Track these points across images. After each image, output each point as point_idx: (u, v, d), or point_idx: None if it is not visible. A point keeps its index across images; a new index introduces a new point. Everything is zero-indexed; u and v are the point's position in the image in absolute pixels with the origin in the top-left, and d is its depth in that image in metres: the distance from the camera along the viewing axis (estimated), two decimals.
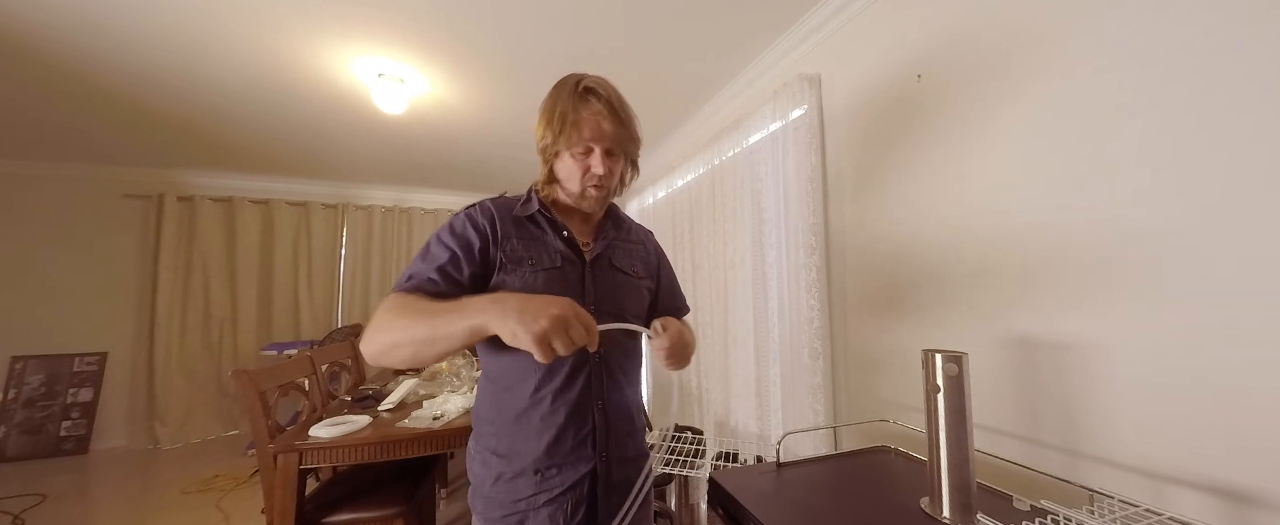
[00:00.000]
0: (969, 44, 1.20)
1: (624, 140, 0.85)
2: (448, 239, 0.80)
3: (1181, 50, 0.82)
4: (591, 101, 0.82)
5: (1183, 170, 0.81)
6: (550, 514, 0.79)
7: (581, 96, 0.82)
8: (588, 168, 0.83)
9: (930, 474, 0.83)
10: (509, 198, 0.89)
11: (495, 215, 0.84)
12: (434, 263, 0.78)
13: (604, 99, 0.82)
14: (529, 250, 0.83)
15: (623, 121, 0.84)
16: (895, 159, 1.40)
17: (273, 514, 1.49)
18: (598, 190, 0.85)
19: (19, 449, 3.21)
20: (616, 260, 0.92)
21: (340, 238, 4.27)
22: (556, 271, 0.83)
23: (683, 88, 2.35)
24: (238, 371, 1.67)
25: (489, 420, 0.85)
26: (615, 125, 0.82)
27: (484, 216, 0.83)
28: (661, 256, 1.07)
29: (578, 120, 0.81)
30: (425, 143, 3.20)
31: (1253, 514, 0.73)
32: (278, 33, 1.85)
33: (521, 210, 0.86)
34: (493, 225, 0.82)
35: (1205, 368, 0.79)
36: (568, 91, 0.82)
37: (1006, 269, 1.10)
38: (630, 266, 0.94)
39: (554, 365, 0.80)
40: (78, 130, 2.87)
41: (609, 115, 0.82)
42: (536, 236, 0.85)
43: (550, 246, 0.85)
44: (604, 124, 0.81)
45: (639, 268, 0.96)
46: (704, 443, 1.72)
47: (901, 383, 1.37)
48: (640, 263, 0.98)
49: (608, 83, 0.85)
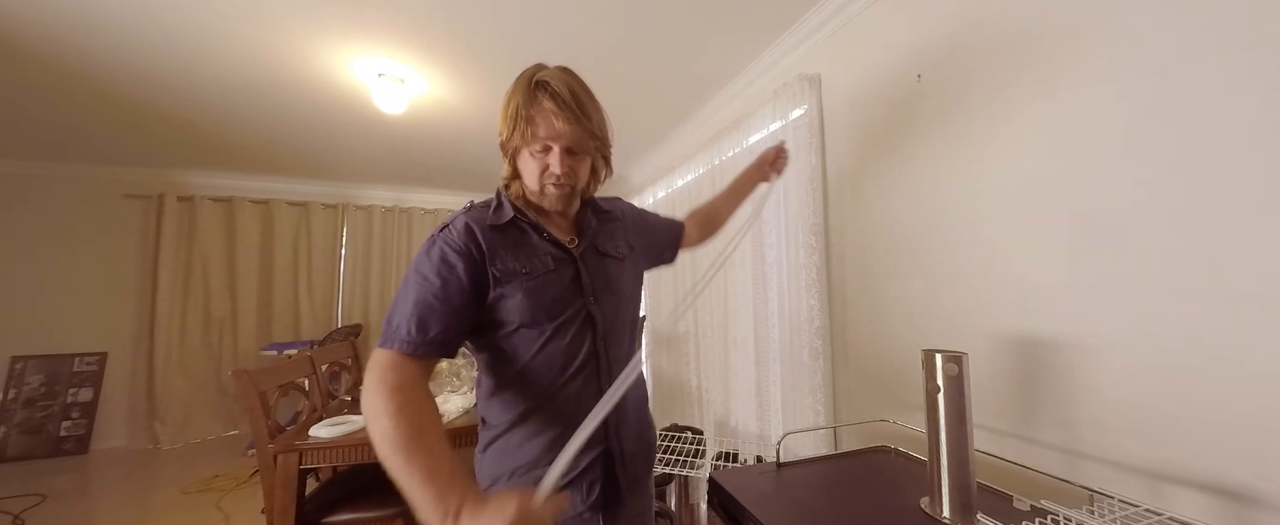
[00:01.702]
0: (969, 44, 1.20)
1: (583, 137, 0.80)
2: (430, 276, 0.73)
3: (1181, 51, 0.82)
4: (542, 99, 0.77)
5: (1182, 170, 0.81)
6: (567, 496, 0.80)
7: (534, 92, 0.78)
8: (546, 166, 0.80)
9: (930, 474, 0.83)
10: (478, 209, 0.83)
11: (475, 233, 0.77)
12: (418, 311, 0.71)
13: (556, 95, 0.77)
14: (519, 260, 0.79)
15: (579, 118, 0.78)
16: (895, 159, 1.40)
17: (273, 514, 1.49)
18: (557, 188, 0.82)
19: (19, 449, 3.21)
20: (603, 246, 0.90)
21: (340, 238, 4.27)
22: (551, 275, 0.81)
23: (683, 87, 2.34)
24: (238, 371, 1.67)
25: (497, 421, 0.84)
26: (571, 123, 0.77)
27: (461, 238, 0.76)
28: (638, 214, 1.07)
29: (531, 117, 0.77)
30: (425, 143, 3.19)
31: (1253, 514, 0.73)
32: (278, 33, 1.85)
33: (495, 218, 0.82)
34: (477, 246, 0.76)
35: (1205, 367, 0.79)
36: (523, 85, 0.78)
37: (1006, 268, 1.10)
38: (617, 249, 0.92)
39: (565, 352, 0.80)
40: (78, 130, 2.87)
41: (563, 112, 0.77)
42: (521, 242, 0.82)
43: (538, 249, 0.82)
44: (557, 122, 0.77)
45: (622, 247, 0.94)
46: (704, 443, 1.72)
47: (901, 383, 1.37)
48: (623, 241, 0.95)
49: (567, 75, 0.81)
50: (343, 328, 4.02)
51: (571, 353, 0.81)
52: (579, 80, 0.82)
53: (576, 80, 0.82)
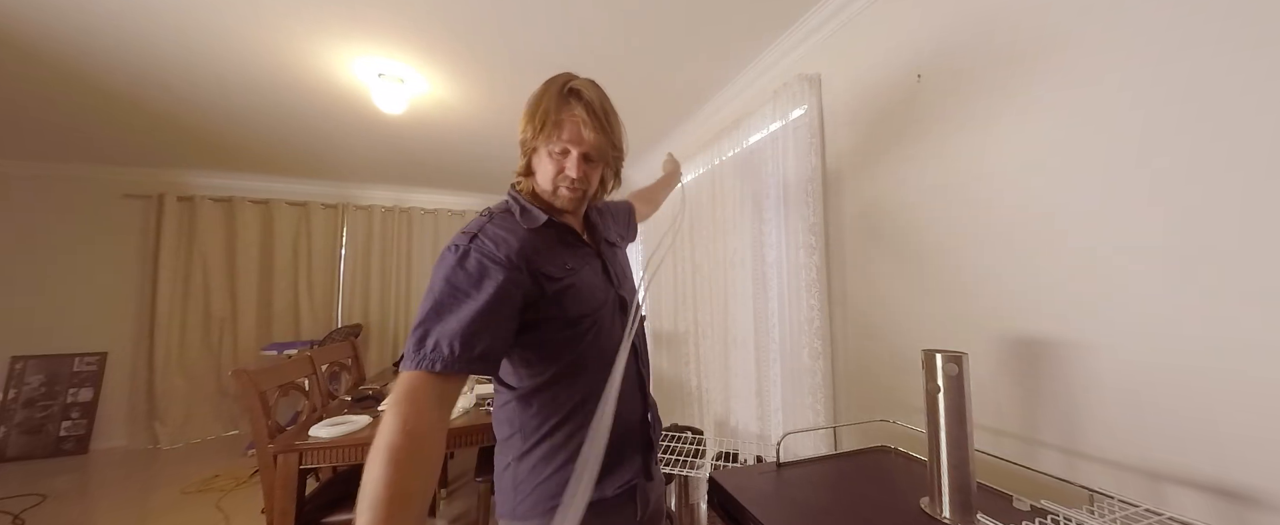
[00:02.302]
0: (969, 44, 1.20)
1: (604, 147, 0.83)
2: (467, 288, 0.69)
3: (1180, 51, 0.82)
4: (574, 105, 0.80)
5: (1184, 169, 0.81)
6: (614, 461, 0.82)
7: (566, 97, 0.81)
8: (562, 168, 0.82)
9: (930, 474, 0.83)
10: (503, 216, 0.83)
11: (512, 242, 0.75)
12: (462, 326, 0.66)
13: (588, 103, 0.81)
14: (562, 261, 0.82)
15: (605, 129, 0.82)
16: (895, 159, 1.40)
17: (273, 514, 1.49)
18: (570, 191, 0.84)
19: (19, 449, 3.21)
20: (609, 237, 0.99)
21: (340, 238, 4.27)
22: (589, 269, 0.87)
23: (683, 87, 2.35)
24: (238, 371, 1.67)
25: (545, 428, 0.80)
26: (596, 132, 0.81)
27: (503, 250, 0.73)
28: (607, 204, 1.11)
29: (558, 121, 0.80)
30: (425, 143, 3.19)
31: (1253, 514, 0.73)
32: (278, 33, 1.85)
33: (529, 222, 0.82)
34: (519, 255, 0.74)
35: (1206, 367, 0.79)
36: (554, 90, 0.81)
37: (1007, 268, 1.10)
38: (619, 237, 1.03)
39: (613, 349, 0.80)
40: (78, 130, 2.87)
41: (591, 121, 0.80)
42: (557, 243, 0.84)
43: (574, 248, 0.87)
44: (584, 130, 0.80)
45: (617, 235, 1.04)
46: (704, 443, 1.72)
47: (901, 383, 1.37)
48: (614, 230, 1.05)
49: (597, 87, 0.84)
50: (343, 328, 4.02)
51: (614, 339, 0.84)
52: (606, 95, 0.86)
53: (604, 94, 0.86)
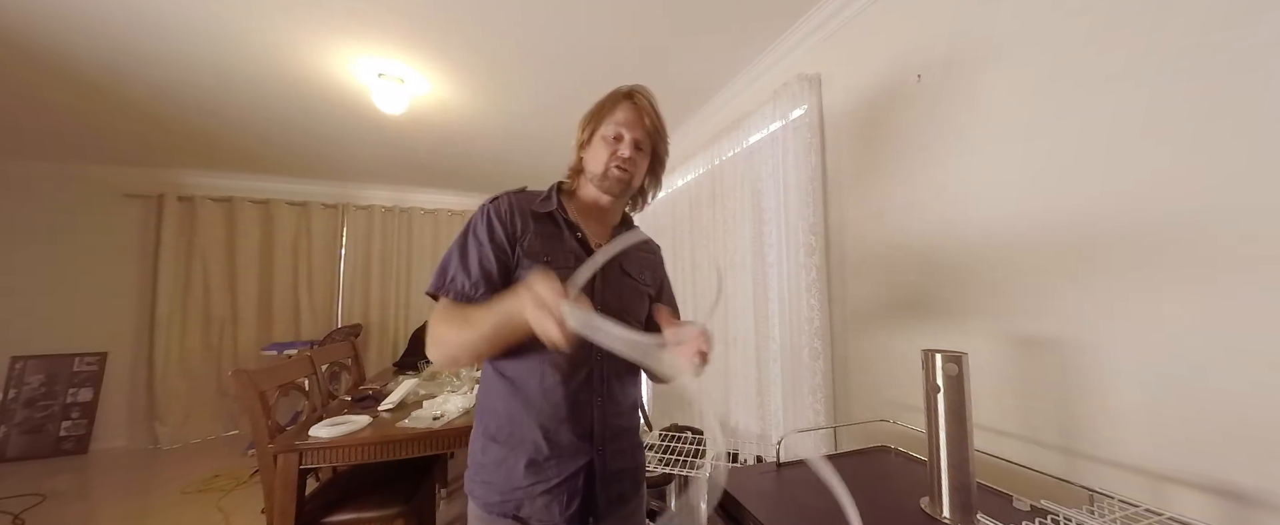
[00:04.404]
0: (969, 44, 1.20)
1: (655, 139, 0.92)
2: (481, 236, 0.84)
3: (1180, 52, 0.82)
4: (631, 103, 0.91)
5: (1184, 169, 0.81)
6: (545, 504, 0.80)
7: (626, 97, 0.91)
8: (615, 150, 0.89)
9: (930, 474, 0.83)
10: (530, 192, 0.91)
11: (515, 209, 0.87)
12: (469, 265, 0.82)
13: (644, 101, 0.91)
14: (546, 247, 0.85)
15: (657, 127, 0.92)
16: (895, 159, 1.40)
17: (273, 514, 1.49)
18: (620, 171, 0.88)
19: (19, 449, 3.21)
20: (627, 266, 0.93)
21: (340, 238, 4.27)
22: (569, 271, 0.83)
23: (682, 87, 2.34)
24: (237, 371, 1.67)
25: (492, 410, 0.86)
26: (650, 122, 0.90)
27: (506, 210, 0.86)
28: (664, 270, 1.08)
29: (614, 112, 0.90)
30: (425, 143, 3.20)
31: (1253, 514, 0.73)
32: (278, 33, 1.85)
33: (541, 206, 0.89)
34: (512, 219, 0.85)
35: (1206, 367, 0.79)
36: (615, 93, 0.93)
37: (1006, 268, 1.10)
38: (639, 273, 0.96)
39: (558, 360, 0.81)
40: (78, 130, 2.87)
41: (649, 113, 0.90)
42: (553, 234, 0.87)
43: (566, 246, 0.87)
44: (642, 119, 0.90)
45: (647, 276, 0.98)
46: (704, 443, 1.72)
47: (901, 383, 1.37)
48: (649, 271, 0.99)
49: (653, 97, 0.94)
50: (343, 328, 4.02)
51: (572, 362, 0.82)
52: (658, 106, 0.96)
53: (657, 104, 0.95)
